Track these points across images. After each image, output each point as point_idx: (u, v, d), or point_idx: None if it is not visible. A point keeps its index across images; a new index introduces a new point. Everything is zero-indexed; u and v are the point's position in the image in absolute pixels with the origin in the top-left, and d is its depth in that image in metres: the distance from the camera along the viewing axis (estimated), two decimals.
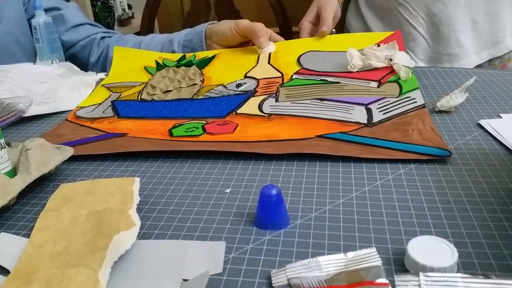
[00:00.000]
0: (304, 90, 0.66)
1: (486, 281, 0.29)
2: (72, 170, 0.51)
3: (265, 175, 0.47)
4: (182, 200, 0.44)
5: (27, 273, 0.34)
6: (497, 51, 0.94)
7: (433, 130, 0.51)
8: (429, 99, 0.64)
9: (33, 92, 0.68)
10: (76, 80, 0.76)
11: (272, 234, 0.38)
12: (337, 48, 0.77)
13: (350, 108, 0.59)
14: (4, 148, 0.46)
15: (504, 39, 0.94)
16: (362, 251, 0.33)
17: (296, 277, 0.32)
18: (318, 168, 0.48)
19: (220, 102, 0.66)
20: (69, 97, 0.73)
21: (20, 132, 0.65)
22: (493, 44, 0.94)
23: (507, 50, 0.95)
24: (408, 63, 0.68)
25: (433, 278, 0.29)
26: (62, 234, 0.38)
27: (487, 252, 0.34)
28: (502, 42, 0.94)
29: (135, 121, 0.63)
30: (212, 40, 0.85)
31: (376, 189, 0.43)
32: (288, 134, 0.54)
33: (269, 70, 0.74)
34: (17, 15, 0.88)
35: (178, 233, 0.39)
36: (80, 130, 0.62)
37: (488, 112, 0.59)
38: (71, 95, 0.74)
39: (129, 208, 0.40)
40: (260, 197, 0.38)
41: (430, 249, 0.32)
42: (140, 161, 0.52)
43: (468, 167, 0.46)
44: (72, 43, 0.94)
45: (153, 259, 0.35)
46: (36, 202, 0.46)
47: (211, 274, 0.33)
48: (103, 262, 0.33)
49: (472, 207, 0.40)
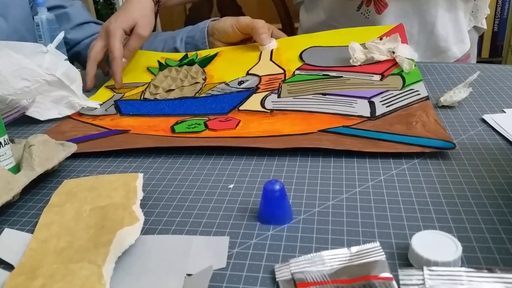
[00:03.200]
0: (306, 86, 0.66)
1: (490, 275, 0.29)
2: (75, 166, 0.52)
3: (268, 171, 0.47)
4: (185, 196, 0.44)
5: (31, 268, 0.34)
6: (441, 60, 0.91)
7: (437, 122, 0.51)
8: (433, 94, 0.64)
9: (8, 83, 0.62)
10: (63, 95, 0.67)
11: (276, 229, 0.38)
12: (339, 42, 0.76)
13: (353, 102, 0.59)
14: (8, 144, 0.46)
15: (449, 49, 0.90)
16: (366, 246, 0.33)
17: (300, 272, 0.32)
18: (322, 163, 0.48)
19: (222, 99, 0.66)
20: (45, 109, 0.66)
21: (23, 129, 0.65)
22: (435, 54, 0.91)
23: (454, 59, 0.92)
24: (411, 56, 0.67)
25: (437, 272, 0.29)
26: (66, 230, 0.38)
27: (491, 247, 0.34)
28: (446, 51, 0.91)
29: (137, 118, 0.63)
30: (214, 38, 0.85)
31: (379, 184, 0.43)
32: (291, 129, 0.54)
33: (271, 67, 0.74)
34: (22, 12, 0.88)
35: (182, 229, 0.39)
36: (82, 127, 0.62)
37: (492, 107, 0.59)
38: (48, 107, 0.66)
39: (133, 204, 0.40)
40: (264, 192, 0.38)
41: (434, 244, 0.32)
42: (143, 157, 0.52)
43: (471, 161, 0.46)
44: (76, 41, 0.94)
45: (157, 254, 0.36)
46: (39, 198, 0.46)
47: (215, 269, 0.33)
48: (107, 258, 0.33)
49: (476, 201, 0.39)
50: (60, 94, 0.67)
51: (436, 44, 0.90)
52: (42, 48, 0.67)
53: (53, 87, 0.66)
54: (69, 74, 0.67)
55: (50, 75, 0.65)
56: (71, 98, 0.67)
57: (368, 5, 0.87)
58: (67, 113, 0.67)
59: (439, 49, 0.90)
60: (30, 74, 0.64)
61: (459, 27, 0.90)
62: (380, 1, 0.85)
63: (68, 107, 0.67)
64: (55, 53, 0.68)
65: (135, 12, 0.76)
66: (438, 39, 0.89)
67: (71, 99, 0.67)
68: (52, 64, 0.66)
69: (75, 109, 0.68)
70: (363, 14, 0.89)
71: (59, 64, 0.67)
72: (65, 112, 0.67)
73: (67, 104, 0.67)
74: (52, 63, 0.67)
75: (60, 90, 0.67)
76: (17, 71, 0.63)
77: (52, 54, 0.68)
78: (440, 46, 0.90)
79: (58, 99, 0.67)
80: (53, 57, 0.67)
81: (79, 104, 0.68)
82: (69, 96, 0.67)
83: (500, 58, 2.02)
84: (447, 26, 0.89)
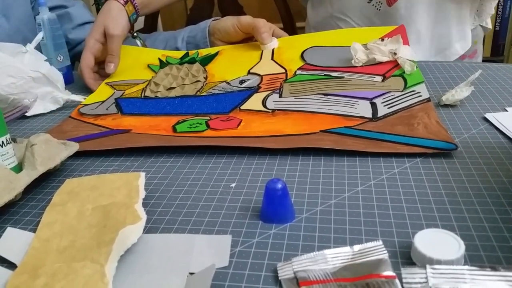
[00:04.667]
0: (308, 86, 0.66)
1: (493, 273, 0.29)
2: (78, 166, 0.52)
3: (270, 170, 0.47)
4: (187, 195, 0.44)
5: (34, 267, 0.34)
6: (444, 57, 0.91)
7: (439, 124, 0.51)
8: (435, 93, 0.64)
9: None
10: (47, 91, 0.70)
11: (278, 228, 0.38)
12: (340, 43, 0.76)
13: (355, 103, 0.59)
14: (10, 143, 0.46)
15: (451, 45, 0.90)
16: (369, 244, 0.33)
17: (302, 270, 0.32)
18: (323, 162, 0.48)
19: (223, 98, 0.66)
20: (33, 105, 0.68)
21: (25, 129, 0.65)
22: (438, 51, 0.91)
23: (456, 55, 0.91)
24: (413, 57, 0.68)
25: (440, 270, 0.29)
26: (68, 229, 0.38)
27: (494, 245, 0.34)
28: (449, 48, 0.91)
29: (138, 117, 0.63)
30: (215, 37, 0.85)
31: (382, 183, 0.43)
32: (292, 129, 0.54)
33: (273, 66, 0.74)
34: (24, 12, 0.88)
35: (184, 227, 0.39)
36: (83, 127, 0.62)
37: (494, 106, 0.59)
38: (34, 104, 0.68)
39: (135, 203, 0.40)
40: (266, 191, 0.38)
41: (436, 242, 0.32)
42: (145, 156, 0.52)
43: (474, 160, 0.46)
44: (78, 41, 0.94)
45: (159, 253, 0.36)
46: (42, 197, 0.46)
47: (218, 268, 0.33)
48: (110, 256, 0.33)
49: (478, 200, 0.39)
50: (45, 90, 0.70)
51: (440, 40, 0.90)
52: (22, 48, 0.69)
53: (38, 84, 0.69)
54: (51, 75, 0.70)
55: (35, 72, 0.68)
56: (55, 93, 0.70)
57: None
58: (52, 108, 0.70)
59: (442, 45, 0.91)
60: (15, 71, 0.66)
61: (462, 25, 0.90)
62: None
63: (52, 103, 0.71)
64: (35, 53, 0.71)
65: (101, 18, 0.78)
66: (442, 36, 0.90)
67: (55, 94, 0.70)
68: (31, 64, 0.69)
69: (59, 104, 0.71)
70: (375, 6, 0.89)
71: (40, 64, 0.70)
72: (50, 108, 0.70)
73: (52, 100, 0.71)
74: (32, 63, 0.69)
75: (45, 86, 0.70)
76: (2, 69, 0.65)
77: (31, 54, 0.70)
78: (443, 42, 0.90)
79: (43, 95, 0.70)
80: (33, 57, 0.70)
81: (62, 98, 0.71)
82: (53, 92, 0.70)
83: (502, 57, 2.02)
84: (451, 23, 0.89)
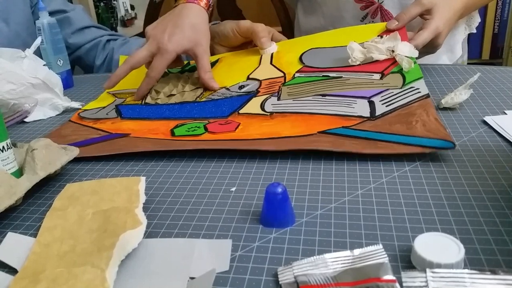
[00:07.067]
0: (306, 87, 0.66)
1: (493, 277, 0.29)
2: (78, 170, 0.52)
3: (270, 174, 0.47)
4: (187, 199, 0.44)
5: (35, 272, 0.34)
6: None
7: (437, 121, 0.51)
8: (434, 96, 0.64)
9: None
10: (47, 97, 0.70)
11: (278, 232, 0.38)
12: (339, 43, 0.76)
13: (353, 102, 0.59)
14: (10, 148, 0.46)
15: (439, 58, 0.89)
16: (369, 248, 0.33)
17: (303, 275, 0.32)
18: (323, 166, 0.48)
19: (222, 103, 0.66)
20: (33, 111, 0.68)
21: (25, 133, 0.65)
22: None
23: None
24: (412, 53, 0.66)
25: (440, 274, 0.29)
26: (68, 234, 0.38)
27: (494, 248, 0.34)
28: (437, 60, 0.89)
29: (137, 121, 0.64)
30: (214, 41, 0.85)
31: (381, 187, 0.43)
32: (290, 131, 0.54)
33: (272, 70, 0.74)
34: (24, 17, 0.88)
35: (184, 232, 0.39)
36: (82, 131, 0.62)
37: (493, 109, 0.59)
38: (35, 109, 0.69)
39: (135, 207, 0.40)
40: (266, 195, 0.38)
41: (436, 246, 0.32)
42: (145, 161, 0.53)
43: (473, 163, 0.46)
44: (77, 46, 0.94)
45: (160, 257, 0.36)
46: (42, 202, 0.46)
47: (218, 272, 0.34)
48: (110, 261, 0.33)
49: (478, 203, 0.40)
50: (44, 96, 0.70)
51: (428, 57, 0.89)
52: (21, 53, 0.70)
53: (37, 90, 0.69)
54: (50, 79, 0.71)
55: (35, 78, 0.68)
56: (54, 100, 0.71)
57: (374, 16, 0.87)
58: (51, 114, 0.71)
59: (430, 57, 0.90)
60: (15, 77, 0.67)
61: (452, 38, 0.90)
62: (388, 13, 0.85)
63: (52, 109, 0.71)
64: (34, 58, 0.71)
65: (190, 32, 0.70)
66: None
67: (54, 101, 0.71)
68: (31, 69, 0.69)
69: (59, 111, 0.72)
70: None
71: (39, 69, 0.70)
72: (49, 114, 0.71)
73: (51, 106, 0.71)
74: (31, 68, 0.69)
75: (44, 92, 0.70)
76: (2, 75, 0.66)
77: (30, 59, 0.70)
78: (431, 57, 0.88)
79: (43, 101, 0.70)
80: (32, 62, 0.70)
81: (62, 105, 0.72)
82: (53, 98, 0.71)
83: (501, 59, 2.02)
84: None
